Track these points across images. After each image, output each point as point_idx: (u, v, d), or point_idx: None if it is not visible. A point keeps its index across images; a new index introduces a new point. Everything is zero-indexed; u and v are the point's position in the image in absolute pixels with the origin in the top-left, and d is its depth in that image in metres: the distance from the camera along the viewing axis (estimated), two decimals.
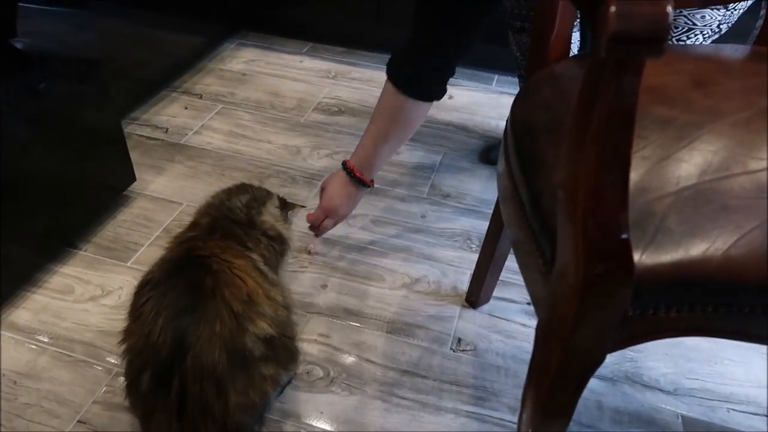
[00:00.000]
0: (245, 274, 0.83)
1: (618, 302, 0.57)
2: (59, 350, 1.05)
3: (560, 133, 0.71)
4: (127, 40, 1.81)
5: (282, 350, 0.86)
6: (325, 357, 1.07)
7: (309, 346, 1.08)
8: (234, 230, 0.93)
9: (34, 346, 1.05)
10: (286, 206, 1.07)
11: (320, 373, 1.04)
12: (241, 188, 1.03)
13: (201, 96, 1.80)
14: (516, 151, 0.76)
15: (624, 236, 0.54)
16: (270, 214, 1.00)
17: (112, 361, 1.03)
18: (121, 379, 0.95)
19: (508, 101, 1.83)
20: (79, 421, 0.94)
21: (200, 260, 0.82)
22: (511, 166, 0.77)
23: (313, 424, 0.96)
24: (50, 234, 1.23)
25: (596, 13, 0.45)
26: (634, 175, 0.62)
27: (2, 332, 1.07)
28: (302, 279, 1.22)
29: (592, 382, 0.65)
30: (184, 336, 0.74)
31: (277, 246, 0.99)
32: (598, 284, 0.55)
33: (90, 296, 1.15)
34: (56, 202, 1.23)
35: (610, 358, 0.62)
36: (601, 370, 0.63)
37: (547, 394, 0.65)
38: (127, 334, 0.82)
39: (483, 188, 1.49)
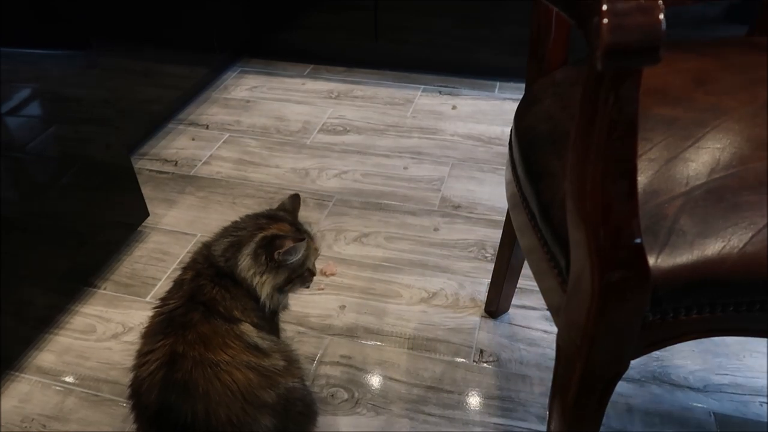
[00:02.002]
0: (234, 369, 0.76)
1: (636, 309, 0.56)
2: (85, 390, 1.06)
3: (564, 143, 0.71)
4: (130, 77, 1.84)
5: (295, 420, 0.83)
6: (348, 378, 1.07)
7: (331, 369, 1.08)
8: (217, 295, 0.82)
9: (60, 388, 1.07)
10: (271, 246, 0.82)
11: (344, 395, 1.04)
12: (231, 228, 0.88)
13: (207, 126, 1.83)
14: (522, 162, 0.76)
15: (637, 241, 0.54)
16: (244, 263, 0.83)
17: None
18: None
19: (511, 107, 1.87)
20: None
21: (184, 375, 0.75)
22: (518, 176, 0.78)
23: None
24: (69, 275, 1.25)
25: (589, 26, 0.45)
26: (642, 179, 0.62)
27: (28, 376, 1.09)
28: (319, 301, 1.22)
29: (620, 385, 0.65)
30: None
31: (267, 307, 0.86)
32: (614, 292, 0.55)
33: (112, 334, 1.17)
34: (73, 243, 1.25)
35: (636, 359, 0.62)
36: (628, 371, 0.62)
37: (572, 404, 0.65)
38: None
39: (493, 196, 1.49)
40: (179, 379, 0.75)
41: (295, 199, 0.94)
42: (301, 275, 0.87)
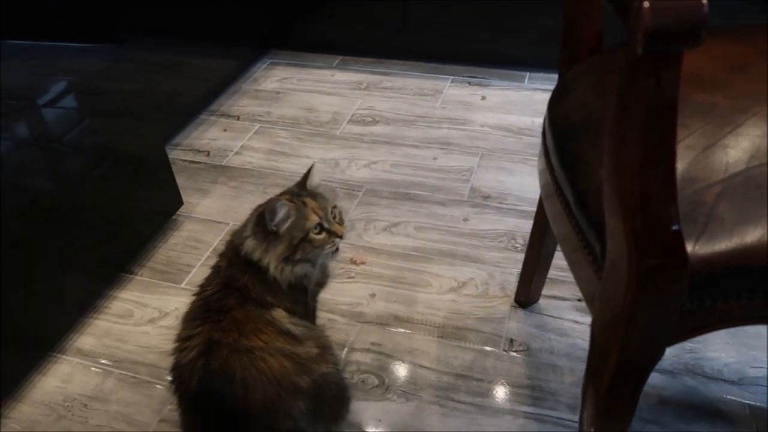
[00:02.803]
0: (269, 355, 0.78)
1: (673, 296, 0.56)
2: (124, 372, 1.10)
3: (599, 131, 0.71)
4: (163, 70, 1.87)
5: (328, 404, 0.85)
6: (379, 365, 1.08)
7: (362, 356, 1.10)
8: (248, 282, 0.82)
9: (100, 370, 1.10)
10: (263, 218, 0.82)
11: (375, 381, 1.05)
12: (259, 209, 0.86)
13: (238, 117, 1.85)
14: (556, 150, 0.76)
15: (675, 228, 0.54)
16: (249, 245, 0.83)
17: None
18: None
19: (541, 98, 1.85)
20: None
21: (222, 364, 0.77)
22: (552, 164, 0.77)
23: (372, 431, 0.98)
24: (107, 262, 1.29)
25: (628, 10, 0.45)
26: (680, 165, 0.61)
27: (69, 358, 1.13)
28: (350, 289, 1.24)
29: (652, 377, 0.64)
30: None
31: (296, 286, 0.85)
32: (651, 279, 0.55)
33: (149, 319, 1.20)
34: (110, 231, 1.28)
35: (669, 351, 0.62)
36: (660, 363, 0.62)
37: (606, 392, 0.65)
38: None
39: (523, 187, 1.48)
40: (217, 367, 0.77)
41: (308, 169, 0.92)
42: (307, 240, 0.83)
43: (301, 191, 0.88)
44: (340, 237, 0.86)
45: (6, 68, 1.27)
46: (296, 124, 1.80)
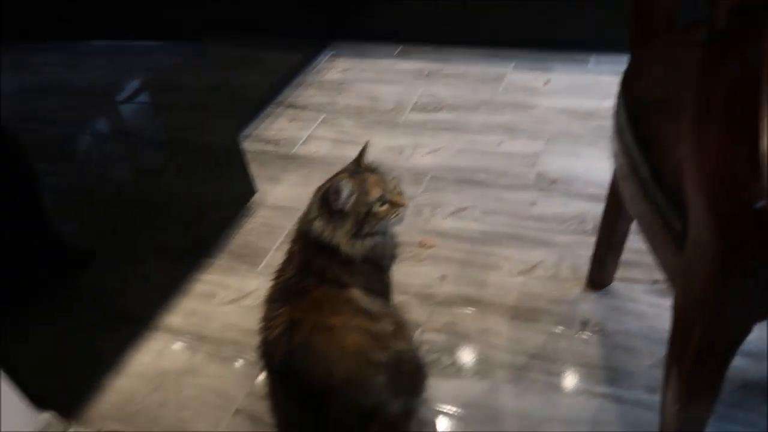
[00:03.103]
0: (347, 332, 0.81)
1: (757, 272, 0.57)
2: (211, 349, 1.18)
3: (677, 107, 0.70)
4: (232, 65, 1.96)
5: (407, 379, 0.87)
6: (451, 344, 1.12)
7: (435, 336, 1.14)
8: (323, 264, 0.85)
9: (188, 346, 1.19)
10: (326, 198, 0.85)
11: (448, 360, 1.09)
12: (321, 190, 0.88)
13: (304, 108, 1.92)
14: (631, 129, 0.76)
15: (761, 205, 0.54)
16: (317, 226, 0.85)
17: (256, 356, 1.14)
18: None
19: (608, 80, 1.82)
20: (237, 410, 1.05)
21: (303, 339, 0.80)
22: (627, 144, 0.78)
23: (447, 408, 1.02)
24: (189, 248, 1.38)
25: None
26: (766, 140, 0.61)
27: (160, 335, 1.22)
28: (420, 272, 1.28)
29: (737, 360, 0.64)
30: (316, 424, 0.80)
31: (369, 260, 0.87)
32: (736, 257, 0.55)
33: (230, 299, 1.28)
34: (191, 220, 1.37)
35: (754, 333, 0.62)
36: (745, 345, 0.62)
37: (690, 371, 0.65)
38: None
39: (592, 170, 1.48)
40: (300, 342, 0.81)
41: (363, 147, 0.95)
42: (371, 213, 0.84)
43: (358, 168, 0.90)
44: (402, 206, 0.89)
45: (88, 67, 1.36)
46: (360, 113, 1.85)
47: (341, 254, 0.85)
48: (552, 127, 1.66)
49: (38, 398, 0.99)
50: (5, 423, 0.93)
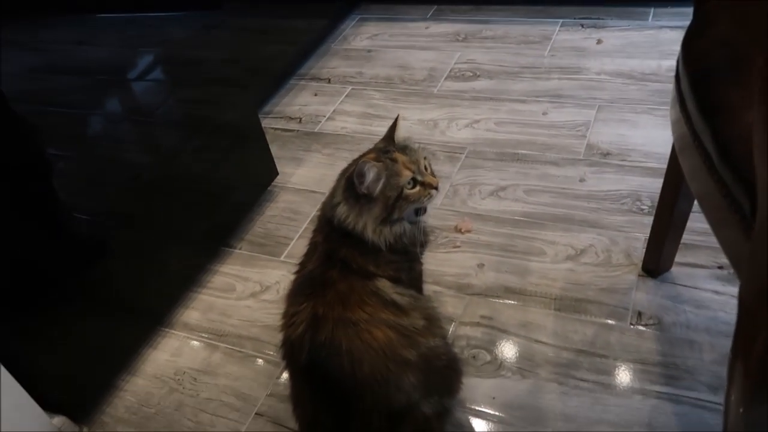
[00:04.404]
0: (374, 327, 0.80)
1: None
2: (230, 346, 1.18)
3: (746, 70, 0.66)
4: (250, 35, 1.95)
5: (439, 377, 0.86)
6: (490, 339, 1.09)
7: (472, 330, 1.11)
8: (348, 253, 0.84)
9: (206, 344, 1.19)
10: (352, 183, 0.82)
11: (487, 356, 1.06)
12: (346, 172, 0.87)
13: (329, 80, 1.89)
14: (693, 95, 0.72)
15: None
16: (341, 212, 0.84)
17: (278, 354, 1.13)
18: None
19: (669, 37, 1.75)
20: (257, 414, 1.05)
21: (327, 336, 0.80)
22: (689, 112, 0.74)
23: (486, 410, 0.99)
24: (206, 236, 1.38)
25: None
26: None
27: (177, 332, 1.22)
28: (456, 260, 1.25)
29: None
30: (340, 418, 0.81)
31: (396, 249, 0.86)
32: None
33: (250, 292, 1.28)
34: (208, 205, 1.37)
35: None
36: None
37: (758, 368, 0.62)
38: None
39: (649, 141, 1.42)
40: (324, 339, 0.80)
41: (393, 122, 0.93)
42: (402, 197, 0.83)
43: (389, 146, 0.88)
44: (436, 188, 0.87)
45: (98, 44, 1.37)
46: (390, 83, 1.82)
47: (367, 242, 0.84)
48: (604, 92, 1.60)
49: (50, 401, 1.00)
50: (16, 427, 0.95)
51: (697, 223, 1.09)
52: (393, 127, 0.92)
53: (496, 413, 0.99)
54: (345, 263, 0.85)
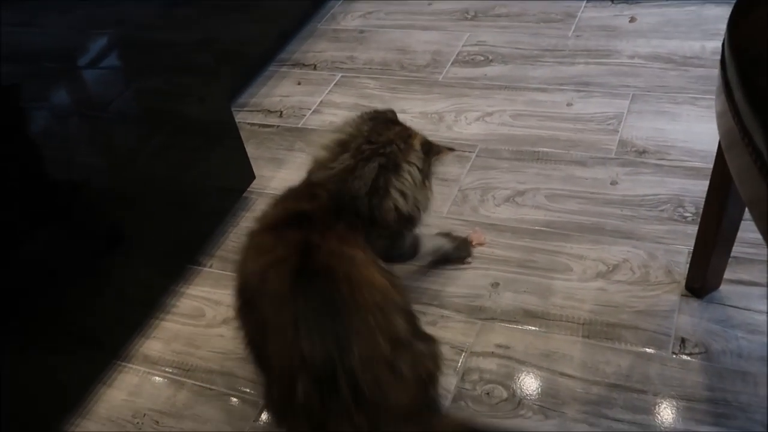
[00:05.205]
0: (371, 268, 0.93)
1: None
2: (198, 383, 1.18)
3: None
4: (223, 14, 1.95)
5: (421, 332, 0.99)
6: (507, 373, 1.09)
7: (485, 361, 1.12)
8: (351, 215, 0.99)
9: (171, 380, 1.19)
10: (431, 154, 1.07)
11: (503, 393, 1.07)
12: (373, 140, 1.03)
13: (315, 66, 1.90)
14: (742, 83, 0.73)
15: None
16: (401, 195, 1.02)
17: (255, 392, 1.14)
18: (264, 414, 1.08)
19: (714, 14, 1.77)
20: None
21: (324, 266, 0.89)
22: (736, 103, 0.75)
23: None
24: (171, 252, 1.38)
25: None
26: None
27: (136, 367, 1.23)
28: (466, 278, 1.25)
29: None
30: (338, 335, 0.85)
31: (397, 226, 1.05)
32: None
33: (223, 318, 1.28)
34: (174, 215, 1.37)
35: None
36: None
37: None
38: (258, 350, 0.95)
39: (692, 136, 1.44)
40: (316, 264, 0.88)
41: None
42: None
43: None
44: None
45: (43, 26, 1.37)
46: (387, 69, 1.83)
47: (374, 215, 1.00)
48: (639, 79, 1.62)
49: None
50: None
51: (749, 233, 1.09)
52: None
53: None
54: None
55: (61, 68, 1.31)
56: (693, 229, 1.12)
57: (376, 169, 1.00)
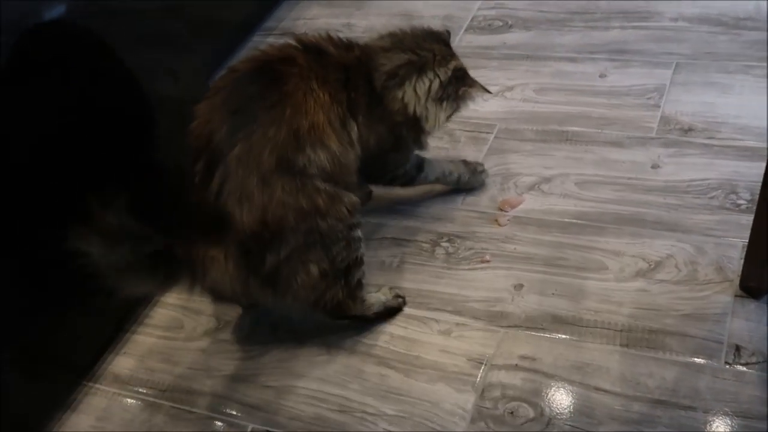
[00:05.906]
0: (318, 106, 1.11)
1: None
2: (176, 405, 1.19)
3: None
4: None
5: (341, 185, 1.14)
6: (533, 389, 1.10)
7: (507, 375, 1.12)
8: (365, 82, 1.21)
9: (145, 403, 1.20)
10: (460, 82, 1.27)
11: (530, 412, 1.07)
12: (413, 44, 1.26)
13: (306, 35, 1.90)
14: None
15: None
16: (414, 93, 1.23)
17: (242, 414, 1.14)
18: None
19: None
20: None
21: (278, 75, 1.11)
22: None
23: None
24: None
25: None
26: None
27: (105, 388, 1.24)
28: (485, 279, 1.26)
29: None
30: (237, 128, 1.06)
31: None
32: None
33: (204, 330, 1.29)
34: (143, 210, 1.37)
35: None
36: None
37: None
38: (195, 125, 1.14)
39: (746, 110, 1.43)
40: (275, 74, 1.11)
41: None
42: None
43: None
44: None
45: None
46: None
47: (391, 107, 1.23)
48: (684, 45, 1.62)
49: None
50: None
51: None
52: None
53: None
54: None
55: (14, 42, 1.31)
56: (748, 219, 1.12)
57: (404, 60, 1.23)
